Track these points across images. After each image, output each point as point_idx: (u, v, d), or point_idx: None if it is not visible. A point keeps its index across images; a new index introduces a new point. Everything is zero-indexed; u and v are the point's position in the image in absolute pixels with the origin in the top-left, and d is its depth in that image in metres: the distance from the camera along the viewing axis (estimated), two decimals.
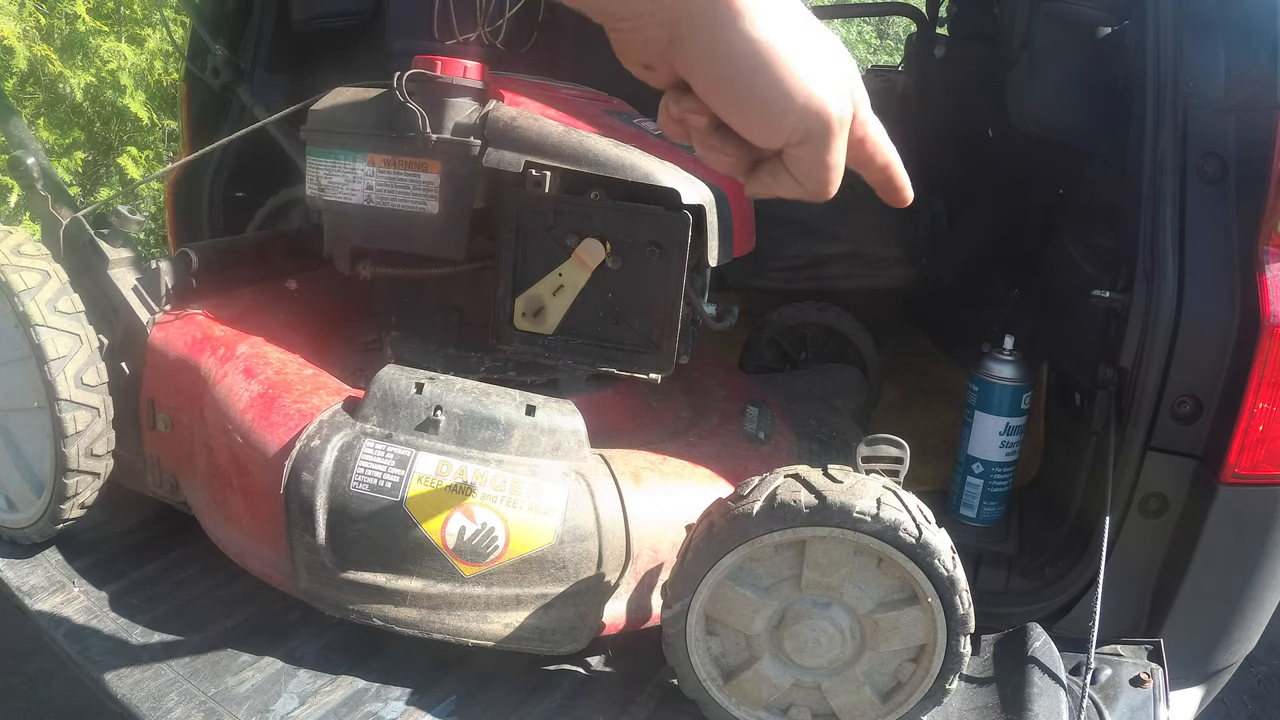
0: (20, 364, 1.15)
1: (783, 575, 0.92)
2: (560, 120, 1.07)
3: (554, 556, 0.96)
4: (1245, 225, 1.05)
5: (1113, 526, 1.09)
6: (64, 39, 3.73)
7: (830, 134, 0.42)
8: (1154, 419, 1.09)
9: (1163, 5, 1.09)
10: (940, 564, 0.86)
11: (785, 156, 0.43)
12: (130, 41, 3.95)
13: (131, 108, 3.84)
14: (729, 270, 1.18)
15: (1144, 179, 1.11)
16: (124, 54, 3.81)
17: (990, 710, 1.03)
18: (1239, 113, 1.07)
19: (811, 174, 0.44)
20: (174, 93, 3.99)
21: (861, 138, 0.46)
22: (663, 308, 1.05)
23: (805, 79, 0.40)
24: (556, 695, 1.02)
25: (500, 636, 0.98)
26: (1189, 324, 1.06)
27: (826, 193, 0.45)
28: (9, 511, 1.23)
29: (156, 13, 3.70)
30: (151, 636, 1.06)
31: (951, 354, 2.11)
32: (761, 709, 0.97)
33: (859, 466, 0.94)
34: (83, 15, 3.69)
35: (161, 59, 3.98)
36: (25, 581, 1.14)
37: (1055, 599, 1.18)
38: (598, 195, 1.04)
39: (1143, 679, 1.07)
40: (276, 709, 0.96)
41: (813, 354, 1.77)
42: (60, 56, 3.64)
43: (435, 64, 1.06)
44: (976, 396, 1.36)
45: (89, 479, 1.15)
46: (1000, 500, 1.39)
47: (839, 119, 0.42)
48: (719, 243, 1.05)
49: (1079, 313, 1.29)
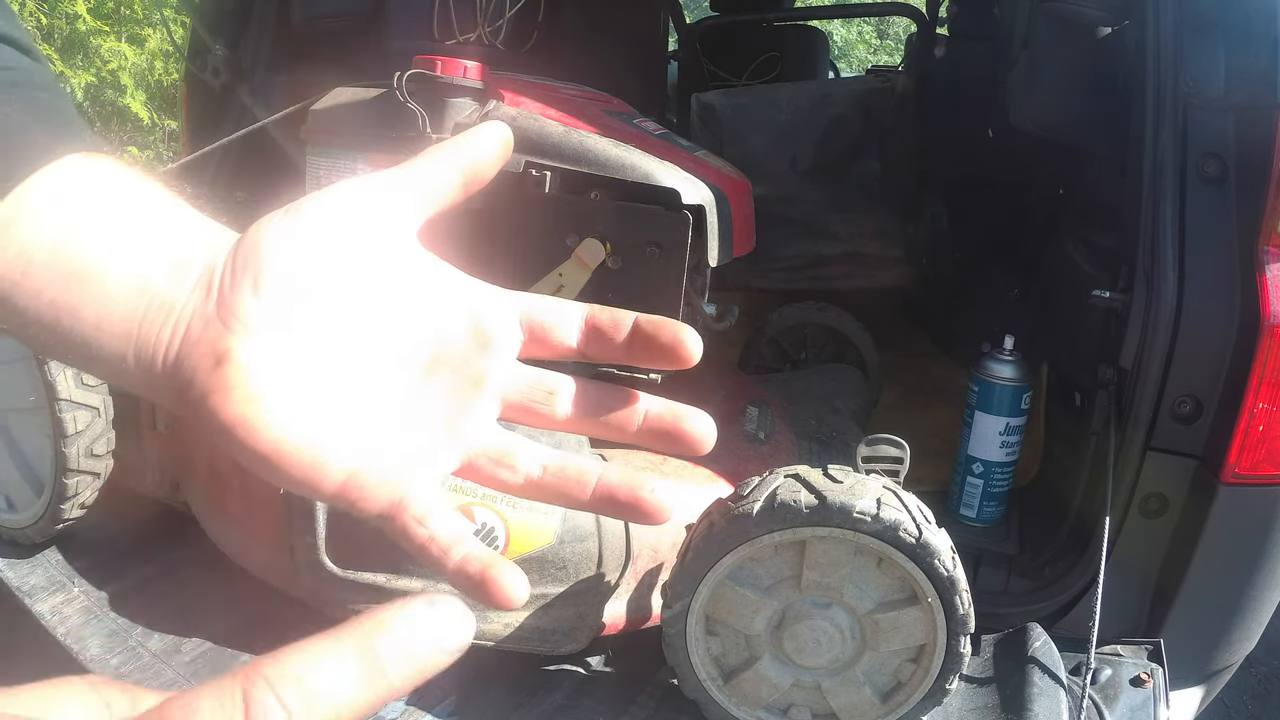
0: (20, 363, 1.15)
1: (783, 575, 0.92)
2: (560, 120, 1.07)
3: (554, 556, 0.96)
4: (1245, 225, 1.05)
5: (1113, 526, 1.09)
6: (65, 39, 3.73)
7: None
8: (1154, 419, 1.09)
9: (1163, 5, 1.09)
10: (940, 564, 0.86)
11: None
12: (130, 41, 3.95)
13: (132, 107, 3.84)
14: (729, 270, 1.18)
15: (1144, 179, 1.11)
16: (124, 54, 3.81)
17: (990, 710, 1.03)
18: (1239, 113, 1.07)
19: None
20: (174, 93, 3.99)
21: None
22: (662, 308, 1.05)
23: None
24: (556, 695, 1.02)
25: (500, 636, 0.98)
26: (1189, 324, 1.06)
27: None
28: (9, 511, 1.23)
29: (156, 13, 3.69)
30: (151, 636, 1.05)
31: (951, 354, 2.11)
32: (761, 709, 0.97)
33: (859, 466, 0.94)
34: (83, 15, 3.69)
35: (161, 59, 3.98)
36: (25, 581, 1.14)
37: (1055, 599, 1.18)
38: (598, 195, 1.04)
39: (1143, 679, 1.07)
40: None
41: (813, 354, 1.77)
42: (61, 56, 3.64)
43: (435, 64, 1.06)
44: (976, 396, 1.36)
45: (89, 479, 1.15)
46: (1000, 500, 1.39)
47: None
48: (719, 243, 1.05)
49: (1079, 313, 1.29)
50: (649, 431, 0.36)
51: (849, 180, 1.98)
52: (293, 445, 0.31)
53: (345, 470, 0.31)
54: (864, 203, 1.98)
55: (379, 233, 0.33)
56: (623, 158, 1.02)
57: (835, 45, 8.02)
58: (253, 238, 0.32)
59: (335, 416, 0.32)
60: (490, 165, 0.36)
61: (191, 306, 0.31)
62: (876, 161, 1.99)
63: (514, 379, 0.35)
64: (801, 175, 1.98)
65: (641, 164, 1.02)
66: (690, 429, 0.36)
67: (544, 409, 0.36)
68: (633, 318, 0.35)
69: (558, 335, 0.35)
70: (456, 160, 0.35)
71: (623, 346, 0.35)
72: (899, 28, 9.64)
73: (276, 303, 0.31)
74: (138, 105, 3.84)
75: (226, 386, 0.30)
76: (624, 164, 1.02)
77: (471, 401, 0.34)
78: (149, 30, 3.93)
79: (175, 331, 0.31)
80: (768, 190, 1.70)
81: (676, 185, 1.01)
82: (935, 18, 2.41)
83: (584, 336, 0.36)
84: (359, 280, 0.32)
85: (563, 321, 0.36)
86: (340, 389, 0.32)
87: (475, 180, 0.35)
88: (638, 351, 0.35)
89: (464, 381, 0.34)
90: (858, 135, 1.98)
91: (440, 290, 0.34)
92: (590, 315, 0.36)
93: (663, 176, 1.01)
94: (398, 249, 0.33)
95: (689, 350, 0.35)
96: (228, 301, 0.31)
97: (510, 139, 0.36)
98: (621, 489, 0.35)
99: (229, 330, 0.31)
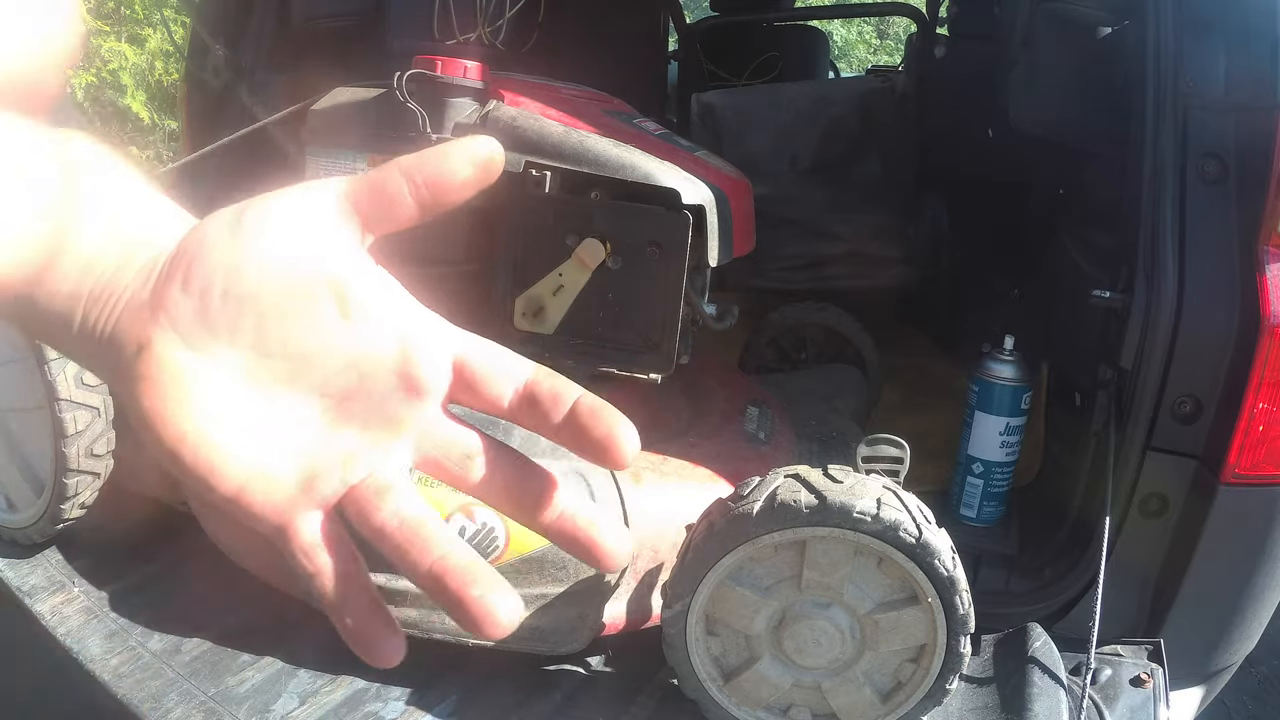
0: (20, 364, 1.15)
1: (783, 575, 0.92)
2: (560, 120, 1.07)
3: (554, 556, 0.96)
4: (1245, 225, 1.05)
5: (1113, 526, 1.09)
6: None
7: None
8: (1154, 419, 1.09)
9: (1163, 5, 1.09)
10: (940, 564, 0.86)
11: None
12: (131, 41, 3.95)
13: (132, 107, 3.84)
14: (729, 270, 1.18)
15: (1144, 179, 1.11)
16: (125, 54, 3.81)
17: (990, 710, 1.03)
18: (1239, 113, 1.07)
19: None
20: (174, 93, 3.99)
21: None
22: (663, 308, 1.05)
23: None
24: (556, 695, 1.02)
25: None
26: (1189, 324, 1.06)
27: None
28: (9, 511, 1.23)
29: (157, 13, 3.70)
30: (151, 636, 1.05)
31: (951, 354, 2.11)
32: (761, 709, 0.97)
33: (859, 466, 0.94)
34: (84, 15, 3.69)
35: (162, 59, 3.98)
36: (25, 581, 1.14)
37: (1055, 599, 1.18)
38: (598, 195, 1.04)
39: (1143, 679, 1.07)
40: (276, 709, 0.96)
41: (813, 354, 1.77)
42: None
43: (435, 64, 1.06)
44: (976, 396, 1.36)
45: (89, 479, 1.15)
46: (1000, 500, 1.39)
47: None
48: (719, 243, 1.05)
49: (1079, 313, 1.29)
50: (557, 530, 0.34)
51: (849, 180, 1.98)
52: (192, 444, 0.31)
53: (239, 480, 0.31)
54: (864, 203, 1.98)
55: (323, 245, 0.32)
56: (623, 158, 1.02)
57: (835, 45, 8.02)
58: (196, 233, 0.32)
59: (240, 426, 0.31)
60: (458, 187, 0.33)
61: (131, 290, 0.31)
62: (876, 161, 1.99)
63: (434, 431, 0.33)
64: (801, 175, 1.98)
65: (641, 164, 1.02)
66: (603, 543, 0.34)
67: (456, 470, 0.33)
68: (575, 397, 0.33)
69: (491, 390, 0.33)
70: (416, 177, 0.32)
71: (554, 426, 0.33)
72: (899, 28, 9.63)
73: (202, 301, 0.31)
74: (138, 105, 3.84)
75: (144, 375, 0.31)
76: (624, 164, 1.02)
77: (382, 443, 0.32)
78: (149, 30, 3.93)
79: (112, 314, 0.31)
80: (768, 190, 1.70)
81: (676, 185, 1.01)
82: (935, 18, 2.41)
83: (519, 399, 0.33)
84: (292, 291, 0.31)
85: (500, 377, 0.33)
86: (251, 400, 0.31)
87: (436, 203, 0.33)
88: (566, 435, 0.33)
89: (380, 421, 0.32)
90: (858, 135, 1.98)
91: (377, 316, 0.32)
92: (533, 380, 0.33)
93: (663, 176, 1.01)
94: (341, 264, 0.32)
95: (621, 450, 0.32)
96: (158, 292, 0.31)
97: (495, 158, 0.33)
98: (453, 579, 0.31)
99: (154, 321, 0.31)
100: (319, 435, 0.32)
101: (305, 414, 0.32)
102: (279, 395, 0.32)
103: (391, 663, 0.31)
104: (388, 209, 0.32)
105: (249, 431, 0.31)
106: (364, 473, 0.32)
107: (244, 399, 0.31)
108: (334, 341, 0.32)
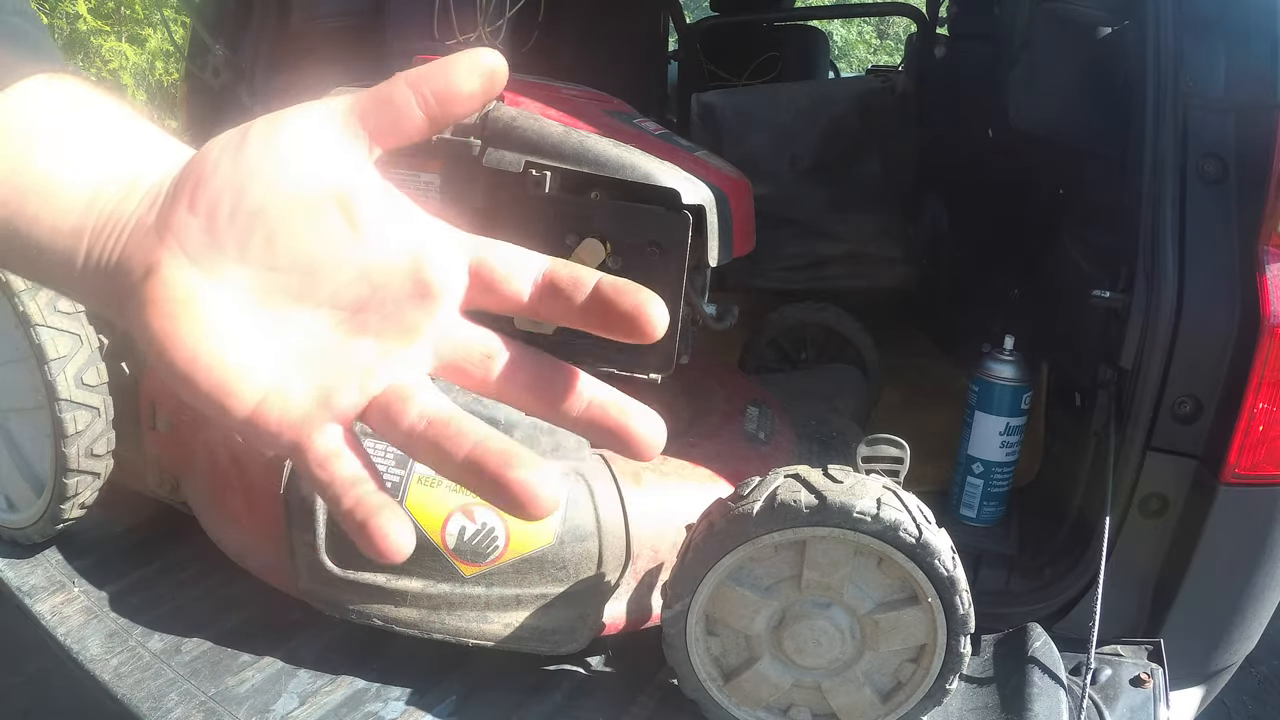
0: (20, 364, 1.15)
1: (783, 575, 0.92)
2: (560, 120, 1.07)
3: (554, 557, 0.96)
4: (1245, 225, 1.05)
5: (1113, 526, 1.09)
6: (65, 39, 3.73)
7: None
8: (1154, 419, 1.09)
9: (1163, 5, 1.09)
10: (940, 564, 0.86)
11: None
12: (131, 41, 3.95)
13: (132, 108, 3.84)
14: (729, 270, 1.18)
15: (1144, 179, 1.11)
16: (125, 54, 3.81)
17: (990, 710, 1.03)
18: (1239, 113, 1.07)
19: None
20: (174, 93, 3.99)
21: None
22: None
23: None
24: (556, 695, 1.02)
25: (500, 636, 0.98)
26: (1189, 324, 1.06)
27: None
28: (9, 511, 1.23)
29: (157, 13, 3.70)
30: (151, 636, 1.05)
31: (951, 354, 2.11)
32: (761, 709, 0.97)
33: (859, 466, 0.94)
34: (84, 15, 3.69)
35: (162, 59, 3.98)
36: (25, 581, 1.14)
37: (1055, 599, 1.18)
38: (598, 195, 1.04)
39: (1143, 679, 1.07)
40: (276, 709, 0.96)
41: (813, 354, 1.77)
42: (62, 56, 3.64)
43: None
44: (976, 396, 1.36)
45: (89, 479, 1.15)
46: (1000, 500, 1.39)
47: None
48: (719, 243, 1.05)
49: (1079, 313, 1.29)
50: (588, 421, 0.33)
51: (849, 180, 1.98)
52: (205, 365, 0.30)
53: (255, 398, 0.31)
54: (864, 203, 1.98)
55: (329, 160, 0.31)
56: (623, 158, 1.02)
57: (835, 45, 8.02)
58: (200, 155, 0.32)
59: (252, 343, 0.31)
60: (465, 99, 0.32)
61: (136, 217, 0.31)
62: (876, 161, 1.99)
63: (451, 335, 0.33)
64: (801, 175, 1.98)
65: (641, 164, 1.02)
66: (637, 430, 0.32)
67: (478, 372, 0.33)
68: (596, 278, 0.32)
69: (510, 286, 0.33)
70: (423, 89, 0.32)
71: (579, 309, 0.32)
72: (899, 28, 9.64)
73: (209, 220, 0.31)
74: (138, 105, 3.84)
75: (152, 298, 0.31)
76: (624, 164, 1.02)
77: (398, 352, 0.32)
78: (149, 30, 3.93)
79: (119, 240, 0.31)
80: (768, 190, 1.71)
81: (676, 185, 1.01)
82: (935, 18, 2.42)
83: (538, 291, 0.33)
84: (299, 206, 0.31)
85: (518, 272, 0.33)
86: (262, 318, 0.31)
87: (444, 115, 0.32)
88: (594, 316, 0.32)
89: (395, 330, 0.32)
90: (858, 135, 1.98)
91: (385, 227, 0.32)
92: (550, 269, 0.33)
93: (663, 176, 1.01)
94: (348, 178, 0.32)
95: (651, 321, 0.32)
96: (164, 215, 0.31)
97: (499, 69, 0.32)
98: (491, 461, 0.30)
99: (162, 243, 0.31)
100: (334, 348, 0.32)
101: (318, 328, 0.32)
102: (290, 311, 0.32)
103: (400, 551, 0.31)
104: (395, 122, 0.32)
105: (262, 349, 0.31)
106: (383, 383, 0.32)
107: (255, 317, 0.31)
108: (343, 253, 0.31)
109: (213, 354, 0.30)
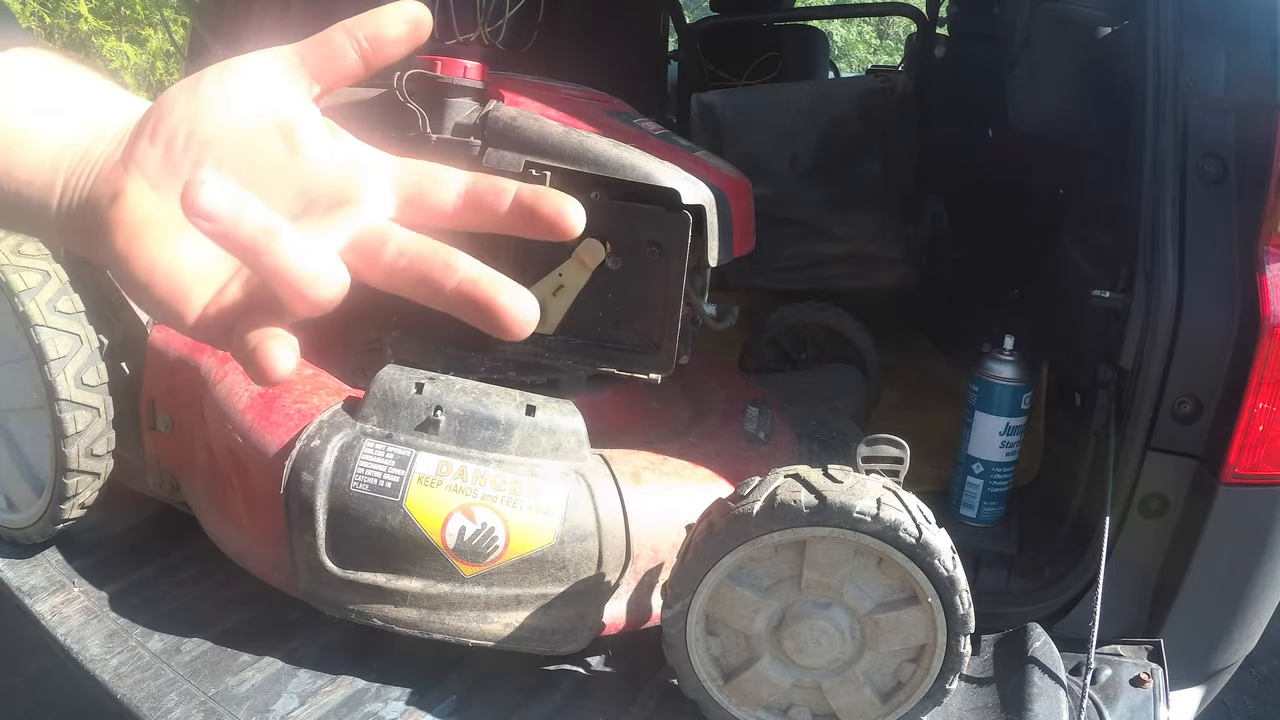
0: (20, 364, 1.15)
1: (783, 575, 0.92)
2: (560, 120, 1.07)
3: (554, 556, 0.96)
4: (1245, 225, 1.05)
5: (1113, 526, 1.09)
6: (66, 39, 3.73)
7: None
8: (1154, 419, 1.09)
9: (1163, 5, 1.09)
10: (940, 564, 0.86)
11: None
12: (132, 41, 3.95)
13: None
14: (729, 270, 1.18)
15: (1144, 179, 1.11)
16: (126, 54, 3.81)
17: (990, 710, 1.03)
18: (1239, 113, 1.07)
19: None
20: None
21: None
22: (663, 308, 1.05)
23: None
24: (556, 695, 1.02)
25: (500, 636, 0.98)
26: (1189, 324, 1.06)
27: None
28: (9, 511, 1.23)
29: (157, 13, 3.70)
30: (151, 636, 1.06)
31: (951, 354, 2.11)
32: (761, 709, 0.97)
33: (859, 466, 0.94)
34: (85, 15, 3.69)
35: (162, 59, 3.98)
36: (25, 581, 1.14)
37: (1055, 599, 1.18)
38: (598, 195, 1.04)
39: (1143, 679, 1.07)
40: (276, 709, 0.96)
41: (813, 354, 1.77)
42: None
43: (435, 64, 1.06)
44: (976, 396, 1.36)
45: (89, 479, 1.15)
46: (1000, 500, 1.39)
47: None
48: (719, 243, 1.05)
49: (1079, 313, 1.29)
50: (460, 297, 0.34)
51: (849, 180, 1.98)
52: (163, 274, 0.34)
53: (205, 301, 0.35)
54: (864, 203, 1.98)
55: (273, 95, 0.36)
56: (623, 158, 1.02)
57: (835, 45, 8.02)
58: (161, 97, 0.36)
59: (204, 254, 0.35)
60: (392, 43, 0.36)
61: (104, 156, 0.36)
62: (876, 161, 1.99)
63: (365, 228, 0.36)
64: (801, 175, 1.98)
65: (641, 164, 1.02)
66: (506, 304, 0.34)
67: (382, 256, 0.36)
68: (515, 187, 0.36)
69: (433, 198, 0.36)
70: (357, 33, 0.36)
71: (504, 215, 0.36)
72: (899, 28, 9.64)
73: (167, 149, 0.35)
74: None
75: (117, 220, 0.35)
76: (624, 164, 1.02)
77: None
78: (150, 30, 3.94)
79: (89, 178, 0.36)
80: (768, 190, 1.70)
81: (676, 185, 1.01)
82: (935, 18, 2.42)
83: (462, 202, 0.36)
84: (246, 134, 0.35)
85: (440, 185, 0.36)
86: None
87: (375, 57, 0.36)
88: (517, 219, 0.36)
89: (325, 229, 0.36)
90: (858, 135, 1.98)
91: (321, 150, 0.36)
92: (470, 182, 0.36)
93: (663, 176, 1.01)
94: (290, 110, 0.36)
95: (569, 221, 0.35)
96: (129, 148, 0.35)
97: (423, 19, 0.36)
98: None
99: (126, 172, 0.35)
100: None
101: None
102: None
103: (280, 371, 0.34)
104: (332, 62, 0.36)
105: (213, 259, 0.35)
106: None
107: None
108: (284, 172, 0.36)
109: (170, 263, 0.34)
